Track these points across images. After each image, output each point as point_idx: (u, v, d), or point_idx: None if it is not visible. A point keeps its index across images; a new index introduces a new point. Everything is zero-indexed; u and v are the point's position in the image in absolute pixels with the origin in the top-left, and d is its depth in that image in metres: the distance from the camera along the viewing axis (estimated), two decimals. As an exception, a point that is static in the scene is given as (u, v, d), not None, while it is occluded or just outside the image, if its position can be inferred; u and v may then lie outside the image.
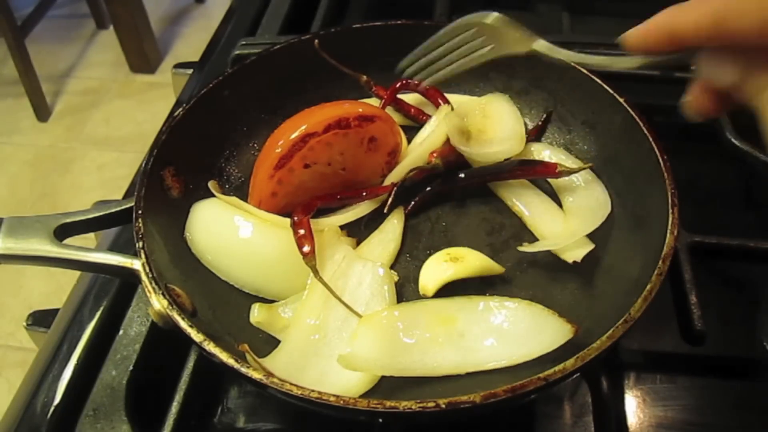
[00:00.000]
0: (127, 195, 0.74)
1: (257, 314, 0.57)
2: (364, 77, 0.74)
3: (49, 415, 0.56)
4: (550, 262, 0.62)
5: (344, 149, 0.64)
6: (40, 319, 0.73)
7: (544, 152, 0.71)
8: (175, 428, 0.51)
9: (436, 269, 0.60)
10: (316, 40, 0.71)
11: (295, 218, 0.60)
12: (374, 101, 0.74)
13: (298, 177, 0.63)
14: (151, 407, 0.54)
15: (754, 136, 0.69)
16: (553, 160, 0.68)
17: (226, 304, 0.58)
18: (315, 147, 0.62)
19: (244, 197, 0.64)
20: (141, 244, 0.53)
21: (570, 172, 0.65)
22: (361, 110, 0.63)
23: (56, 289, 1.82)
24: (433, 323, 0.54)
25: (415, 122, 0.75)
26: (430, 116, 0.73)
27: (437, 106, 0.73)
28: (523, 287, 0.61)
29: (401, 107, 0.75)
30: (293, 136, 0.61)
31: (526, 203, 0.67)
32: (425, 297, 0.59)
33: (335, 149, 0.64)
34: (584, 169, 0.64)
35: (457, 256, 0.60)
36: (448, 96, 0.75)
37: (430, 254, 0.62)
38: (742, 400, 0.57)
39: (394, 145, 0.68)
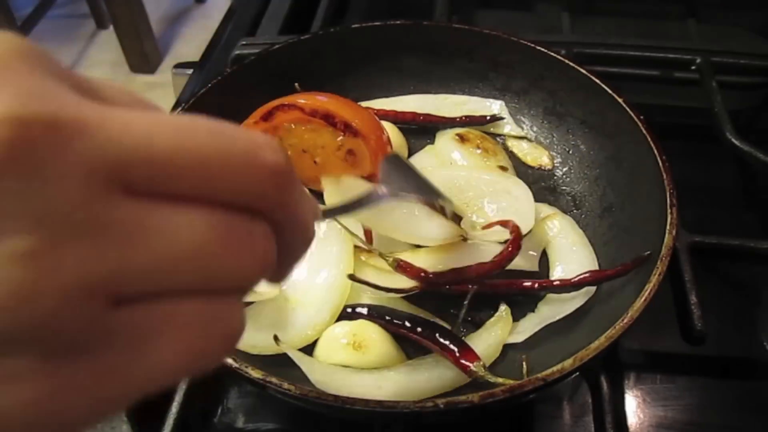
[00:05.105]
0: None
1: None
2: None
3: (49, 415, 0.56)
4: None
5: (323, 144, 0.65)
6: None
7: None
8: (175, 428, 0.51)
9: (334, 350, 0.54)
10: (296, 84, 0.72)
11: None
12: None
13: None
14: (151, 407, 0.54)
15: (754, 136, 0.70)
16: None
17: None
18: (294, 125, 0.64)
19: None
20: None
21: (476, 376, 0.50)
22: (353, 121, 0.63)
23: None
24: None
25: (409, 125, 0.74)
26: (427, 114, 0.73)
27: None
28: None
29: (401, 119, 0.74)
30: (284, 98, 0.64)
31: None
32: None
33: (311, 139, 0.65)
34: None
35: (362, 341, 0.54)
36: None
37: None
38: (742, 400, 0.57)
39: (370, 173, 0.65)
